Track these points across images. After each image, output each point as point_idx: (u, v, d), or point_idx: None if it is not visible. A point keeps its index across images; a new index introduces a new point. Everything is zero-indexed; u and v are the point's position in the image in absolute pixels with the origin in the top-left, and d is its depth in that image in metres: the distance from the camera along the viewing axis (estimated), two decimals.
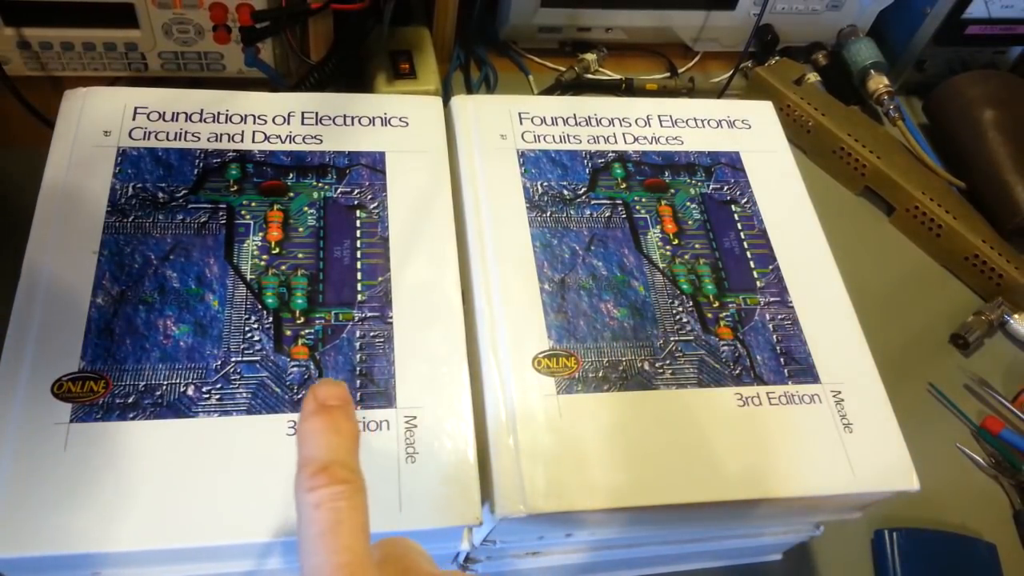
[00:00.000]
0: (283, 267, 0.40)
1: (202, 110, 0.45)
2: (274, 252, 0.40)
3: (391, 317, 0.39)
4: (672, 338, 0.41)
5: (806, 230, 0.46)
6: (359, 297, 0.39)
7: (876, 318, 0.46)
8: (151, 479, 0.33)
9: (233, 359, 0.37)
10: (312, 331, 0.38)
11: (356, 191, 0.43)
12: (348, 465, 0.27)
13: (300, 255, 0.40)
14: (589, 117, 0.49)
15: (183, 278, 0.39)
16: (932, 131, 0.76)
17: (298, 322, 0.38)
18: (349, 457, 0.27)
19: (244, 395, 0.36)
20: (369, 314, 0.39)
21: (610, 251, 0.43)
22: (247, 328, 0.38)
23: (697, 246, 0.44)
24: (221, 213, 0.41)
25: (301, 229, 0.41)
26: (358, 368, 0.37)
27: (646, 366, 0.39)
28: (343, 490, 0.25)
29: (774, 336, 0.42)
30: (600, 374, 0.39)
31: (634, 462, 0.36)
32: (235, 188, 0.42)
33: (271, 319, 0.38)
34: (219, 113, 0.45)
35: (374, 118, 0.46)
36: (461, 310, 0.40)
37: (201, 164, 0.43)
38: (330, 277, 0.40)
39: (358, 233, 0.42)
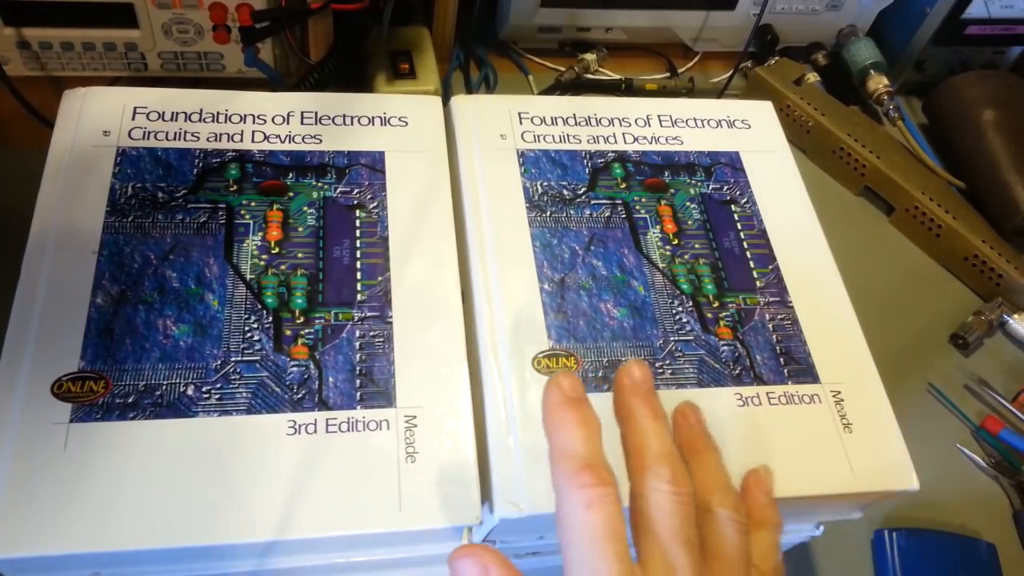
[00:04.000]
0: (283, 267, 0.40)
1: (202, 110, 0.45)
2: (274, 252, 0.40)
3: (391, 317, 0.39)
4: (672, 338, 0.41)
5: (806, 230, 0.46)
6: (359, 297, 0.39)
7: (876, 318, 0.46)
8: (151, 479, 0.33)
9: (233, 359, 0.37)
10: (312, 331, 0.38)
11: (356, 191, 0.43)
12: (606, 464, 0.28)
13: (300, 255, 0.40)
14: (589, 117, 0.49)
15: (183, 278, 0.39)
16: (932, 131, 0.76)
17: (298, 322, 0.38)
18: (603, 455, 0.29)
19: (244, 395, 0.36)
20: (369, 314, 0.39)
21: (610, 251, 0.43)
22: (247, 328, 0.38)
23: (697, 246, 0.44)
24: (221, 213, 0.41)
25: (301, 229, 0.41)
26: (358, 368, 0.37)
27: None
28: (610, 493, 0.27)
29: (774, 336, 0.42)
30: (600, 374, 0.39)
31: None
32: (235, 188, 0.42)
33: (271, 319, 0.38)
34: (219, 113, 0.45)
35: (374, 118, 0.46)
36: (461, 310, 0.40)
37: (200, 164, 0.42)
38: (330, 277, 0.40)
39: (358, 233, 0.42)
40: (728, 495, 0.31)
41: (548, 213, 0.44)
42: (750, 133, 0.50)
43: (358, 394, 0.36)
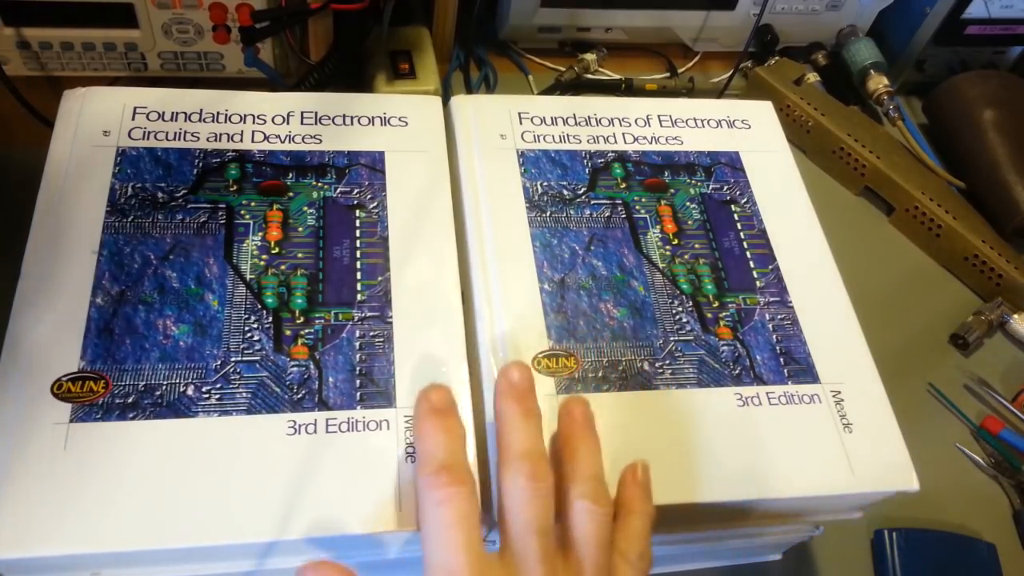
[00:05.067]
0: (283, 267, 0.40)
1: (201, 110, 0.45)
2: (274, 252, 0.40)
3: (391, 317, 0.39)
4: (672, 338, 0.41)
5: (806, 230, 0.46)
6: (359, 297, 0.39)
7: (876, 318, 0.46)
8: (151, 479, 0.33)
9: (233, 359, 0.37)
10: (312, 331, 0.38)
11: (355, 191, 0.43)
12: (463, 467, 0.31)
13: (300, 255, 0.40)
14: (589, 117, 0.49)
15: (183, 278, 0.39)
16: (932, 131, 0.76)
17: (298, 322, 0.38)
18: (462, 458, 0.32)
19: (244, 395, 0.36)
20: (369, 314, 0.39)
21: (610, 251, 0.43)
22: (247, 328, 0.38)
23: (697, 246, 0.44)
24: (220, 213, 0.41)
25: (300, 229, 0.41)
26: (358, 368, 0.37)
27: (646, 366, 0.39)
28: (464, 492, 0.30)
29: (774, 336, 0.42)
30: (600, 374, 0.39)
31: None
32: (234, 188, 0.42)
33: (271, 319, 0.38)
34: (218, 113, 0.45)
35: (373, 118, 0.46)
36: (461, 310, 0.40)
37: (200, 164, 0.42)
38: (330, 277, 0.40)
39: (357, 233, 0.42)
40: (589, 486, 0.32)
41: (548, 213, 0.44)
42: (750, 133, 0.50)
43: (358, 394, 0.36)
